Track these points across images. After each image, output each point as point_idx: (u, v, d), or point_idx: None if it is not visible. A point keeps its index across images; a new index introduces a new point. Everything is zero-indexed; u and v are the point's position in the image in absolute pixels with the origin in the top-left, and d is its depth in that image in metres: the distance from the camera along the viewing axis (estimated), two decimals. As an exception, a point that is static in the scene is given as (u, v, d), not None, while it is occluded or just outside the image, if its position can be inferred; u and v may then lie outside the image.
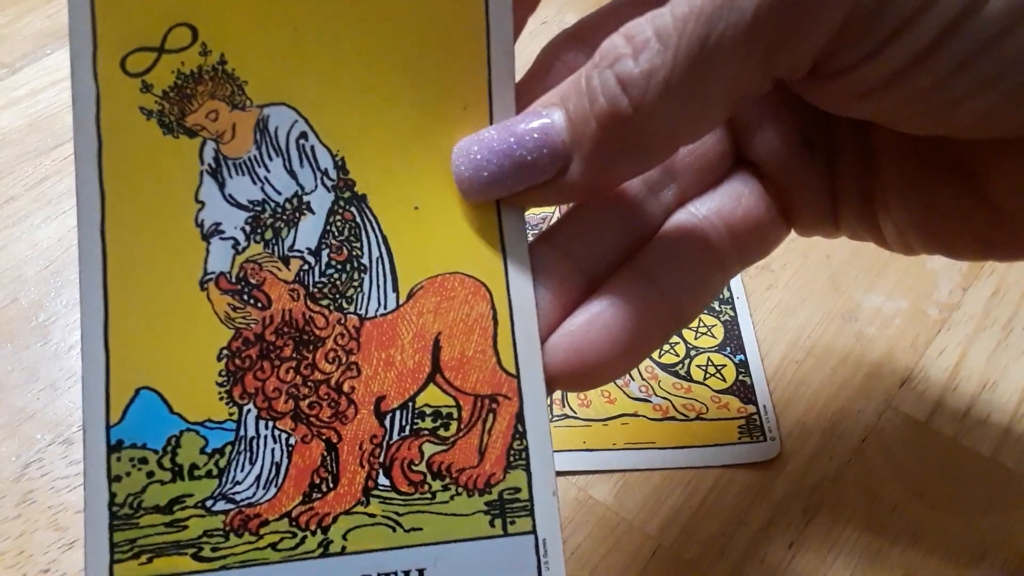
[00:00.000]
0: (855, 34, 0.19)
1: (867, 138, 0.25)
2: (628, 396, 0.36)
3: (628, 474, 0.34)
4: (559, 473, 0.34)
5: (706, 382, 0.37)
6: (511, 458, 0.23)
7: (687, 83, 0.20)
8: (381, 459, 0.22)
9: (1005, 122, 0.20)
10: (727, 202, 0.25)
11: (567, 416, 0.36)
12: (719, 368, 0.37)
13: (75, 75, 0.22)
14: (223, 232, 0.22)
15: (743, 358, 0.38)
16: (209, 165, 0.22)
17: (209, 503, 0.21)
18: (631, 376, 0.37)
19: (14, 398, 0.35)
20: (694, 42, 0.19)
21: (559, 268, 0.24)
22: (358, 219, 0.23)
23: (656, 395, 0.37)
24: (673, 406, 0.36)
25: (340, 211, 0.23)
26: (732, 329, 0.39)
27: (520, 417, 0.23)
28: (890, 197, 0.24)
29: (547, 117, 0.22)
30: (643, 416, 0.36)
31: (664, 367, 0.37)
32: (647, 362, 0.37)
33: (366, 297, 0.23)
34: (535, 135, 0.22)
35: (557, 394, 0.36)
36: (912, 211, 0.24)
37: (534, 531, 0.22)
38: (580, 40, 0.26)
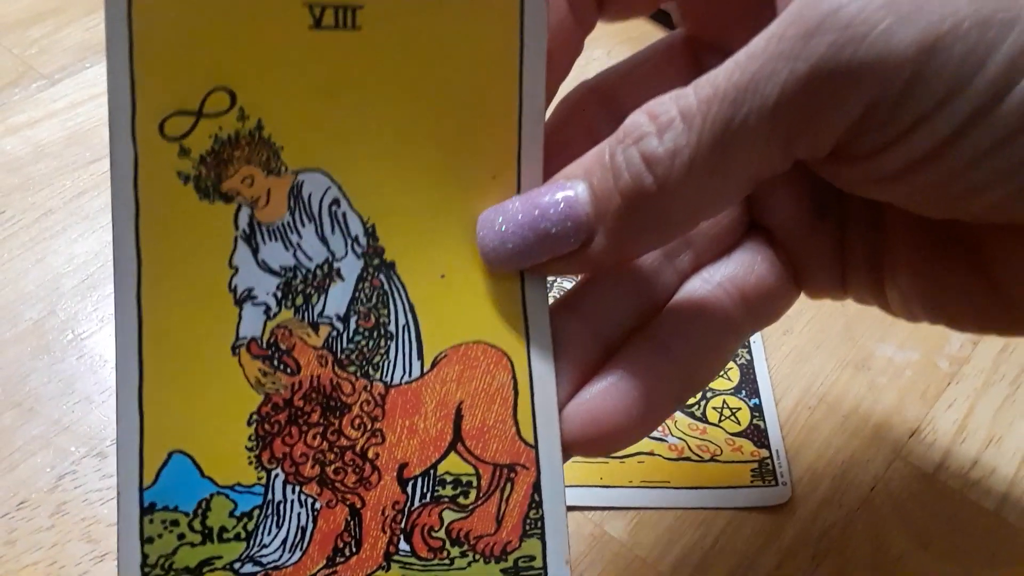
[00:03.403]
0: (875, 124, 0.19)
1: (879, 212, 0.25)
2: None
3: (643, 512, 0.35)
4: (575, 508, 0.35)
5: (721, 424, 0.38)
6: (527, 527, 0.23)
7: (710, 163, 0.20)
8: (403, 525, 0.23)
9: (1016, 212, 0.20)
10: (741, 269, 0.26)
11: None
12: (734, 411, 0.38)
13: (113, 136, 0.22)
14: (255, 298, 0.23)
15: (758, 402, 0.38)
16: (243, 231, 0.23)
17: (237, 565, 0.22)
18: None
19: (49, 410, 0.36)
20: (718, 124, 0.20)
21: (578, 336, 0.24)
22: (386, 286, 0.23)
23: (672, 435, 0.37)
24: (688, 447, 0.37)
25: (369, 278, 0.23)
26: (748, 373, 0.39)
27: (537, 487, 0.23)
28: (898, 268, 0.25)
29: (571, 190, 0.22)
30: (659, 455, 0.37)
31: (681, 408, 0.38)
32: None
33: (392, 364, 0.23)
34: (560, 207, 0.22)
35: None
36: (918, 283, 0.25)
37: (546, 598, 0.23)
38: (599, 95, 0.26)
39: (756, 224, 0.27)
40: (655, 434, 0.37)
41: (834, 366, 0.40)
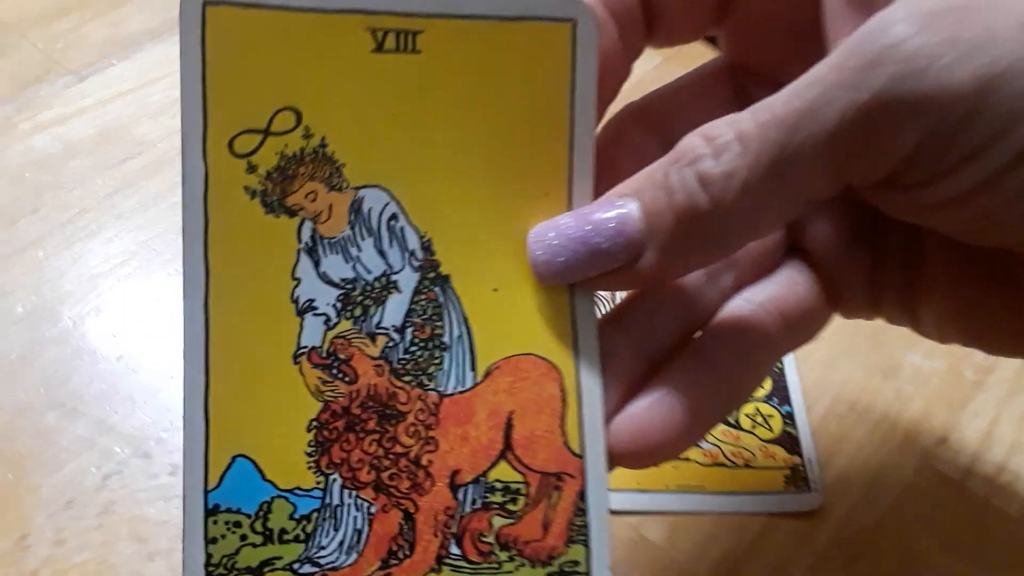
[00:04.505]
0: (930, 155, 0.20)
1: (917, 237, 0.26)
2: None
3: (679, 517, 0.36)
4: (614, 512, 0.36)
5: (754, 431, 0.38)
6: (572, 533, 0.24)
7: (765, 185, 0.21)
8: (454, 529, 0.24)
9: None
10: (781, 290, 0.27)
11: None
12: (766, 418, 0.39)
13: (185, 154, 0.23)
14: (316, 308, 0.24)
15: (789, 409, 0.39)
16: (306, 244, 0.24)
17: (296, 566, 0.23)
18: None
19: (93, 410, 0.37)
20: (775, 148, 0.20)
21: (624, 351, 0.25)
22: (441, 299, 0.24)
23: (707, 441, 0.38)
24: (723, 453, 0.38)
25: (425, 291, 0.24)
26: (779, 381, 0.40)
27: (583, 495, 0.24)
28: (933, 293, 0.26)
29: (623, 207, 0.23)
30: (694, 461, 0.37)
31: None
32: None
33: (446, 375, 0.24)
34: (611, 223, 0.23)
35: None
36: (953, 307, 0.25)
37: (591, 603, 0.24)
38: (644, 117, 0.27)
39: (794, 246, 0.28)
40: None
41: (863, 374, 0.41)
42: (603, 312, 0.26)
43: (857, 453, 0.38)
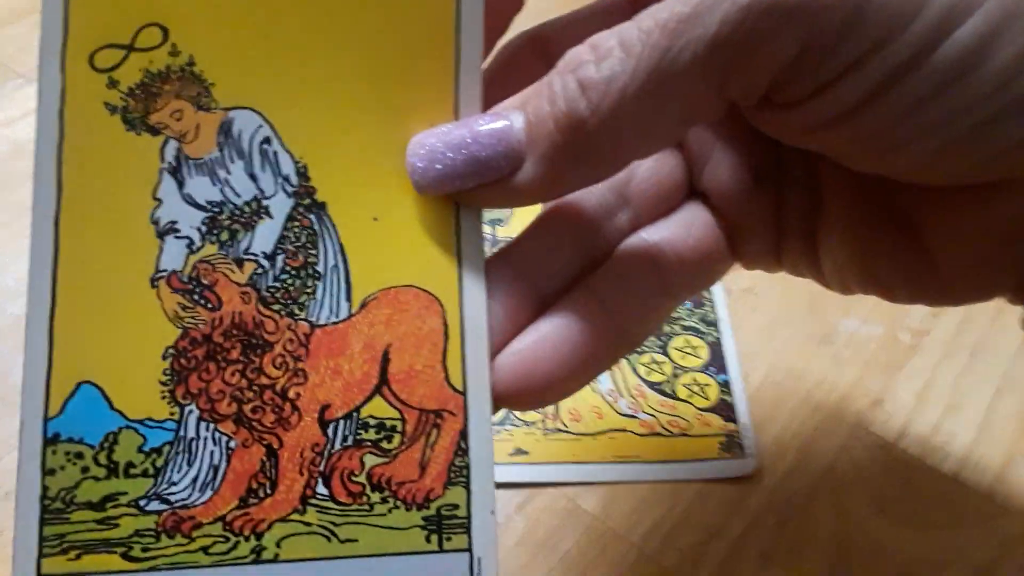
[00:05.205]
0: (809, 65, 0.19)
1: (815, 178, 0.25)
2: (617, 412, 0.38)
3: (615, 486, 0.36)
4: (550, 484, 0.36)
5: (690, 400, 0.39)
6: (452, 475, 0.22)
7: (645, 93, 0.20)
8: (321, 468, 0.22)
9: (944, 169, 0.20)
10: (678, 231, 0.26)
11: (559, 430, 0.37)
12: (703, 387, 0.39)
13: (42, 66, 0.22)
14: (178, 231, 0.22)
15: (726, 378, 0.39)
16: (170, 164, 0.22)
17: (143, 503, 0.21)
18: (620, 393, 0.39)
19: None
20: (656, 54, 0.20)
21: (513, 286, 0.24)
22: (316, 226, 0.23)
23: (643, 412, 0.38)
24: (659, 423, 0.38)
25: (299, 218, 0.23)
26: (716, 350, 0.40)
27: (464, 434, 0.23)
28: (832, 237, 0.25)
29: (507, 119, 0.22)
30: (630, 432, 0.37)
31: (651, 385, 0.39)
32: (635, 380, 0.39)
33: (319, 304, 0.23)
34: (492, 133, 0.22)
35: (550, 409, 0.38)
36: (852, 252, 0.25)
37: (470, 549, 0.22)
38: (538, 44, 0.26)
39: (696, 190, 0.27)
40: (626, 411, 0.38)
41: (800, 341, 0.41)
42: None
43: (792, 418, 0.38)
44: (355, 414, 0.22)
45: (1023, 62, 0.18)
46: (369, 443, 0.22)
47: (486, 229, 0.43)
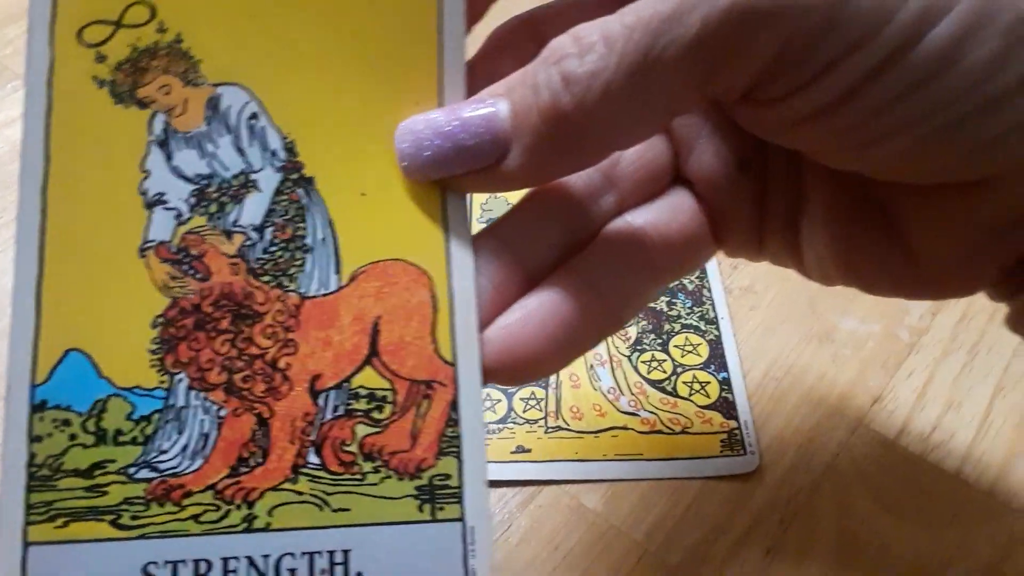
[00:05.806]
0: (789, 64, 0.20)
1: (798, 169, 0.26)
2: (618, 410, 0.38)
3: (617, 484, 0.36)
4: (552, 482, 0.36)
5: (691, 398, 0.39)
6: (443, 445, 0.22)
7: (626, 88, 0.20)
8: (313, 437, 0.22)
9: (919, 167, 0.21)
10: (662, 215, 0.26)
11: (560, 428, 0.37)
12: (704, 385, 0.39)
13: (31, 41, 0.22)
14: (166, 202, 0.22)
15: (726, 376, 0.39)
16: (158, 136, 0.22)
17: (132, 470, 0.21)
18: (621, 391, 0.39)
19: None
20: (638, 50, 0.20)
21: (500, 262, 0.24)
22: (304, 200, 0.23)
23: (644, 410, 0.38)
24: (660, 420, 0.38)
25: (287, 192, 0.23)
26: (716, 348, 0.40)
27: (454, 405, 0.23)
28: (814, 228, 0.25)
29: (493, 106, 0.22)
30: (632, 429, 0.37)
31: (652, 383, 0.39)
32: (636, 378, 0.39)
33: (308, 277, 0.23)
34: (479, 121, 0.22)
35: (552, 407, 0.38)
36: (833, 243, 0.25)
37: (462, 518, 0.22)
38: (531, 27, 0.27)
39: (681, 177, 0.27)
40: (627, 409, 0.38)
41: (799, 339, 0.41)
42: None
43: (793, 416, 0.38)
44: (346, 384, 0.22)
45: (994, 63, 0.19)
46: (360, 413, 0.22)
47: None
